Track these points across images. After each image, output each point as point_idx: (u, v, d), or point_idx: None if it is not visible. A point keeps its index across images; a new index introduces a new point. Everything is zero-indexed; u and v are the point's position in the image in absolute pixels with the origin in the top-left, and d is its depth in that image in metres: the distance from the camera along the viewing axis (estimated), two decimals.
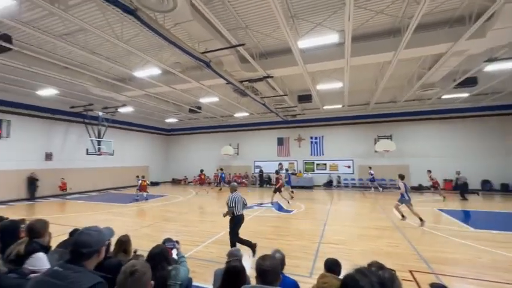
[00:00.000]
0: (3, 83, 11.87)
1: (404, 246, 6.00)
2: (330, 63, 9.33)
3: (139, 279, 1.41)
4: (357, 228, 7.71)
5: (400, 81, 13.13)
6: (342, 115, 18.91)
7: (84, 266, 1.49)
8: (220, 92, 13.30)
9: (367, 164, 18.08)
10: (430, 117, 17.10)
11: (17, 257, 2.27)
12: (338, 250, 5.66)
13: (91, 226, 1.67)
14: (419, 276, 4.37)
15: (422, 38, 7.83)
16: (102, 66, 10.94)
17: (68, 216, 9.62)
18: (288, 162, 20.78)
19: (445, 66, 9.70)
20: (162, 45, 8.92)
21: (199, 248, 5.98)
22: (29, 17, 7.28)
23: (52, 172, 15.22)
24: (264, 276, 1.78)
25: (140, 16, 5.50)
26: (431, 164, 16.42)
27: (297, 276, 3.52)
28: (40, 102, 14.65)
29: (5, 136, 13.27)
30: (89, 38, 8.50)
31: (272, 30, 8.32)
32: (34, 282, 1.44)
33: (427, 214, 9.57)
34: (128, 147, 20.64)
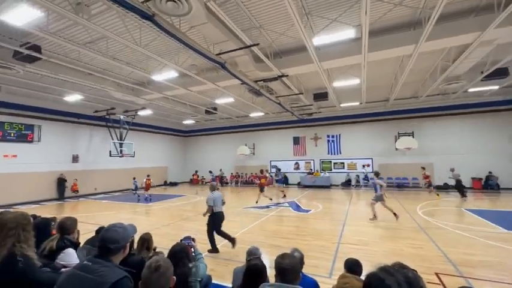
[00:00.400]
0: (33, 90, 12.72)
1: (430, 247, 5.73)
2: (347, 60, 9.10)
3: (163, 275, 1.47)
4: (378, 228, 7.46)
5: (421, 75, 12.55)
6: (360, 112, 18.37)
7: (111, 261, 1.57)
8: (235, 93, 13.41)
9: (388, 162, 17.48)
10: (456, 112, 16.15)
11: (49, 252, 2.43)
12: (358, 251, 5.51)
13: (116, 223, 1.75)
14: (446, 279, 4.15)
15: (445, 28, 7.43)
16: (123, 71, 11.41)
17: (94, 215, 10.12)
18: (304, 162, 20.56)
19: (471, 58, 9.15)
20: (178, 49, 9.15)
21: (217, 246, 6.04)
22: (55, 27, 7.74)
23: (79, 173, 16.08)
24: (284, 275, 1.77)
25: (157, 21, 5.67)
26: (458, 161, 15.59)
27: (316, 277, 3.46)
28: (67, 108, 15.53)
29: (37, 140, 14.22)
30: (110, 44, 8.90)
31: (286, 29, 8.27)
32: (66, 276, 1.54)
33: (454, 214, 9.09)
34: (148, 149, 21.35)
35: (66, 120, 15.82)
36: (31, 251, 1.85)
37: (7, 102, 12.96)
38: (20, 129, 13.58)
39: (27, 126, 13.87)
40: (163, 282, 1.48)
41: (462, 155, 15.74)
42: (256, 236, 6.89)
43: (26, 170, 13.61)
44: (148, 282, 1.45)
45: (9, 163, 13.03)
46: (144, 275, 1.46)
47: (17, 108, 13.42)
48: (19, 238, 1.80)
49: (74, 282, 1.46)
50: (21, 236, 1.81)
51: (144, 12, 5.33)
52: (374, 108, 17.78)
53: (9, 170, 12.96)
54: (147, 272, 1.46)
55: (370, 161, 18.44)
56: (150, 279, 1.45)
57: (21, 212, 1.95)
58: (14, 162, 13.25)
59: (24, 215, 1.94)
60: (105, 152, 16.63)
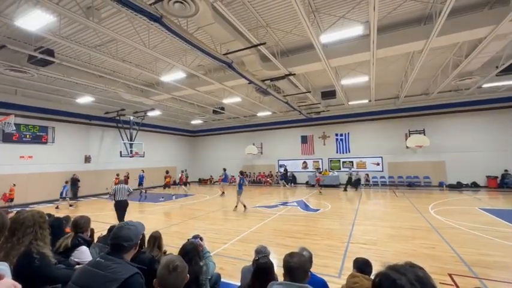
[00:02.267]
0: (47, 93, 13.13)
1: (442, 247, 5.59)
2: (355, 57, 8.98)
3: (181, 274, 1.52)
4: (388, 228, 7.34)
5: (432, 71, 12.26)
6: (369, 110, 18.06)
7: (123, 258, 1.61)
8: (242, 92, 13.44)
9: (398, 161, 17.15)
10: (469, 109, 15.62)
11: (64, 249, 2.51)
12: (368, 250, 5.44)
13: (128, 221, 1.79)
14: (460, 280, 4.05)
15: (457, 22, 7.23)
16: (132, 73, 11.62)
17: (106, 214, 10.35)
18: (312, 161, 20.41)
19: (485, 53, 8.87)
20: (186, 50, 9.24)
21: (226, 245, 6.09)
22: (67, 31, 7.96)
23: (91, 173, 16.49)
24: (292, 273, 1.77)
25: (165, 23, 5.74)
26: (472, 159, 15.18)
27: (326, 276, 3.44)
28: (79, 109, 15.93)
29: (51, 142, 14.67)
30: (120, 47, 9.08)
31: (293, 27, 8.23)
32: (80, 272, 1.59)
33: (468, 214, 8.84)
34: (157, 149, 21.66)
35: (79, 122, 16.24)
36: (47, 248, 1.92)
37: (22, 105, 13.40)
38: (35, 131, 14.02)
39: (42, 128, 14.32)
40: (180, 281, 1.53)
41: (476, 153, 15.27)
42: (264, 235, 6.90)
43: (41, 171, 14.05)
44: (165, 282, 1.49)
45: (25, 164, 13.49)
46: (162, 275, 1.50)
47: (32, 110, 13.86)
48: (36, 236, 1.86)
49: (88, 278, 1.51)
50: (38, 233, 1.88)
51: (152, 15, 5.41)
52: (383, 105, 17.46)
53: (25, 171, 13.41)
54: (165, 272, 1.49)
55: (379, 160, 18.13)
56: (168, 279, 1.49)
57: (37, 211, 2.02)
58: (30, 162, 13.70)
59: (41, 214, 2.01)
60: (116, 153, 16.98)
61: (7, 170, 12.67)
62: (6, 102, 12.74)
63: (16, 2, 6.31)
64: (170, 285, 1.50)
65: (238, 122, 23.11)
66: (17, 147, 13.23)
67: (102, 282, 1.45)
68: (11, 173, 12.78)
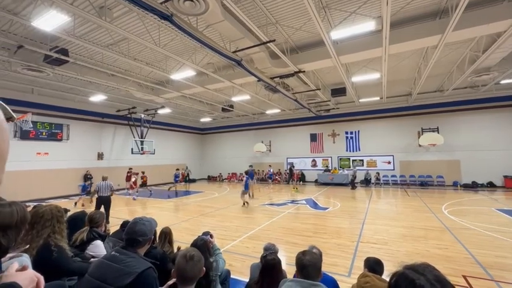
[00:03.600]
0: (62, 91, 13.51)
1: (457, 248, 5.44)
2: (366, 53, 8.81)
3: (197, 263, 1.58)
4: (400, 227, 7.20)
5: (447, 67, 11.88)
6: (380, 108, 17.70)
7: (137, 252, 1.65)
8: (251, 90, 13.43)
9: (410, 159, 16.77)
10: (486, 106, 15.05)
11: (80, 243, 2.59)
12: (379, 250, 5.35)
13: (142, 217, 1.84)
14: (475, 282, 3.93)
15: (475, 16, 6.96)
16: (143, 72, 11.81)
17: (118, 210, 10.62)
18: (321, 159, 20.22)
19: (504, 47, 8.51)
20: (195, 48, 9.30)
21: (235, 242, 6.14)
22: (81, 31, 8.15)
23: (104, 170, 16.90)
24: (305, 271, 1.77)
25: (175, 21, 5.79)
26: (488, 158, 14.65)
27: (335, 275, 3.42)
28: (92, 108, 16.33)
29: (66, 139, 15.12)
30: (131, 46, 9.22)
31: (303, 24, 8.13)
32: (95, 264, 1.64)
33: (483, 214, 8.56)
34: (167, 146, 21.98)
35: (92, 120, 16.65)
36: (64, 241, 1.99)
37: (39, 103, 13.85)
38: (51, 129, 14.48)
39: (57, 126, 14.76)
40: (197, 271, 1.58)
41: (493, 152, 14.72)
42: (273, 232, 6.90)
43: (56, 167, 14.52)
44: (183, 271, 1.55)
45: (41, 160, 13.97)
46: (180, 264, 1.56)
47: (47, 108, 14.31)
48: (54, 229, 1.93)
49: (103, 271, 1.56)
50: (56, 227, 1.95)
51: (162, 13, 5.46)
52: (395, 103, 17.07)
53: (41, 167, 13.89)
54: (183, 261, 1.56)
55: (391, 158, 17.77)
56: (185, 268, 1.54)
57: (55, 205, 2.10)
58: (46, 159, 14.17)
59: (59, 208, 2.08)
60: (128, 150, 17.36)
61: (25, 166, 13.15)
62: (24, 101, 13.19)
63: (32, 3, 6.51)
64: (187, 274, 1.54)
65: (247, 120, 23.14)
66: (33, 144, 13.71)
67: (117, 275, 1.49)
68: (28, 169, 13.26)
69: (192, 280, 1.57)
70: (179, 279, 1.56)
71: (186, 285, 1.56)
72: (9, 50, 8.82)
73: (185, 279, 1.55)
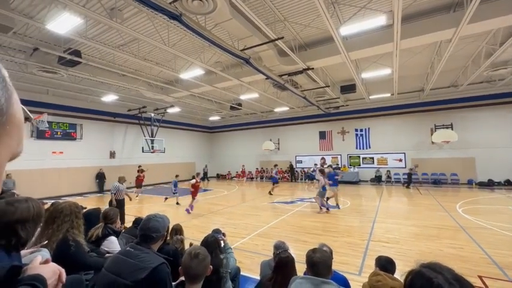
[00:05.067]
0: (75, 92, 13.88)
1: (472, 248, 5.30)
2: (377, 49, 8.62)
3: (202, 261, 1.59)
4: (412, 226, 7.06)
5: (462, 62, 11.48)
6: (391, 104, 17.32)
7: (151, 248, 1.70)
8: (259, 88, 13.41)
9: (422, 157, 16.36)
10: (503, 101, 14.48)
11: (95, 239, 2.68)
12: (390, 249, 5.28)
13: (155, 213, 1.88)
14: (491, 283, 3.83)
15: (491, 7, 6.69)
16: (153, 71, 11.98)
17: (129, 207, 10.85)
18: (331, 157, 20.02)
19: None
20: (204, 47, 9.35)
21: (245, 240, 6.18)
22: (93, 32, 8.33)
23: (116, 168, 17.32)
24: (316, 268, 1.77)
25: (184, 20, 5.84)
26: (505, 155, 14.13)
27: (346, 274, 3.39)
28: (104, 107, 16.72)
29: (79, 138, 15.56)
30: (141, 46, 9.37)
31: (311, 20, 8.04)
32: (111, 259, 1.70)
33: (500, 213, 8.28)
34: (177, 145, 22.27)
35: (104, 119, 17.06)
36: (81, 237, 2.06)
37: (53, 104, 14.29)
38: (65, 128, 14.93)
39: (71, 125, 15.20)
40: (202, 268, 1.59)
41: (510, 149, 14.18)
42: (282, 230, 6.91)
43: (70, 165, 14.98)
44: (188, 269, 1.56)
45: (57, 159, 14.43)
46: (185, 261, 1.59)
47: (62, 109, 14.75)
48: (72, 224, 2.01)
49: (119, 266, 1.61)
50: (74, 222, 2.02)
51: (172, 13, 5.52)
52: (407, 99, 16.66)
53: (57, 165, 14.36)
54: (188, 258, 1.58)
55: (402, 156, 17.41)
56: (190, 266, 1.56)
57: (73, 202, 2.18)
58: (61, 158, 14.64)
59: (76, 204, 2.16)
60: (138, 148, 17.68)
61: (41, 165, 13.63)
62: (40, 102, 13.63)
63: (46, 7, 6.70)
64: (192, 272, 1.56)
65: (256, 118, 23.14)
66: (49, 144, 14.17)
67: (132, 270, 1.54)
68: (44, 168, 13.74)
69: (198, 278, 1.58)
70: (185, 277, 1.59)
71: (193, 282, 1.57)
72: (25, 53, 9.14)
73: (191, 276, 1.57)
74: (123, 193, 8.05)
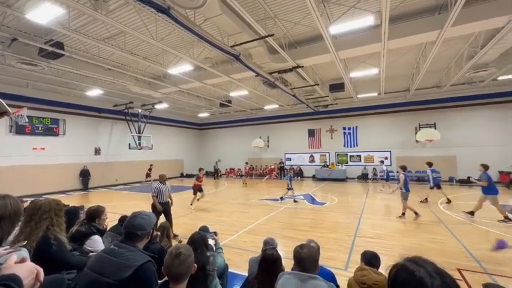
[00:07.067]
0: (57, 85, 13.33)
1: (452, 242, 5.53)
2: (365, 48, 8.77)
3: (184, 261, 1.53)
4: (396, 222, 7.29)
5: (445, 63, 11.88)
6: (378, 103, 17.71)
7: (136, 246, 1.66)
8: (249, 85, 13.36)
9: (407, 155, 16.85)
10: (483, 102, 15.14)
11: (77, 237, 2.59)
12: (375, 244, 5.42)
13: (141, 211, 1.83)
14: (469, 275, 4.01)
15: (474, 11, 6.93)
16: (140, 66, 11.69)
17: (115, 205, 10.61)
18: (319, 154, 20.30)
19: (502, 43, 8.51)
20: (193, 42, 9.20)
21: (233, 237, 6.18)
22: (76, 24, 8.01)
23: (101, 165, 16.85)
24: (303, 264, 1.79)
25: (173, 14, 5.71)
26: (484, 154, 14.75)
27: (332, 269, 3.45)
28: (89, 102, 16.18)
29: (62, 134, 15.00)
30: (128, 39, 9.10)
31: (301, 18, 8.07)
32: (94, 258, 1.65)
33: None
34: (165, 142, 21.90)
35: (89, 114, 16.51)
36: (63, 235, 1.99)
37: (34, 97, 13.67)
38: (47, 123, 14.34)
39: (53, 120, 14.63)
40: (184, 268, 1.54)
41: (489, 148, 14.85)
42: (271, 227, 6.95)
43: (52, 162, 14.43)
44: (170, 268, 1.52)
45: (38, 155, 13.87)
46: (167, 261, 1.54)
47: (43, 103, 14.15)
48: (52, 222, 1.93)
49: (102, 265, 1.56)
50: (54, 220, 1.95)
51: (159, 6, 5.38)
52: (393, 99, 17.09)
53: (38, 162, 13.80)
54: (169, 258, 1.53)
55: (388, 154, 17.87)
56: (171, 265, 1.51)
57: (54, 199, 2.10)
58: (42, 154, 14.08)
59: (57, 201, 2.08)
60: (125, 145, 17.26)
61: (21, 162, 13.06)
62: (19, 95, 13.01)
63: None
64: (174, 272, 1.52)
65: (245, 115, 23.08)
66: (29, 139, 13.59)
67: (116, 269, 1.50)
68: (25, 164, 13.18)
69: (180, 277, 1.53)
70: (168, 277, 1.54)
71: (176, 282, 1.53)
72: (3, 43, 8.66)
73: (173, 276, 1.53)
74: (167, 195, 6.26)
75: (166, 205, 6.18)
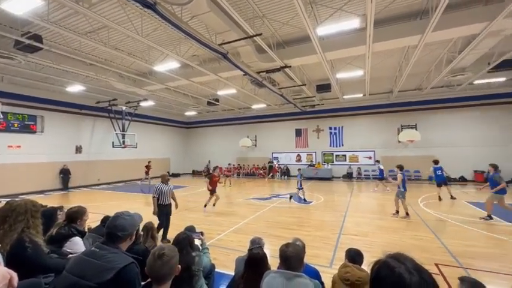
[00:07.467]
0: (35, 80, 12.70)
1: (430, 239, 5.78)
2: (351, 50, 8.97)
3: (167, 263, 1.50)
4: (379, 220, 7.52)
5: (426, 66, 12.36)
6: (363, 104, 18.19)
7: (119, 247, 1.60)
8: (237, 84, 13.31)
9: (390, 155, 17.41)
10: (460, 105, 15.92)
11: (56, 239, 2.48)
12: (359, 242, 5.57)
13: (123, 211, 1.78)
14: (446, 269, 4.21)
15: (453, 18, 7.25)
16: (124, 62, 11.33)
17: (97, 205, 10.27)
18: (306, 154, 20.57)
19: (478, 49, 8.95)
20: (180, 39, 9.04)
21: (220, 236, 6.15)
22: (56, 16, 7.66)
23: (82, 164, 16.24)
24: (288, 262, 1.81)
25: (159, 10, 5.58)
26: (461, 154, 15.55)
27: (317, 266, 3.52)
28: (69, 98, 15.52)
29: (40, 131, 14.31)
30: (112, 34, 8.81)
31: (290, 18, 8.12)
32: (73, 261, 1.58)
33: (455, 207, 9.13)
34: (150, 140, 21.43)
35: (69, 111, 15.84)
36: (39, 237, 1.90)
37: (10, 92, 12.96)
38: (23, 120, 13.64)
39: (30, 117, 13.93)
40: (167, 269, 1.51)
41: (465, 148, 15.64)
42: (257, 226, 6.98)
43: (30, 161, 13.74)
44: (152, 269, 1.48)
45: (13, 153, 13.16)
46: (149, 262, 1.50)
47: (20, 98, 13.43)
48: (28, 224, 1.84)
49: (82, 267, 1.50)
50: (30, 221, 1.85)
51: (145, 1, 5.25)
52: (377, 100, 17.60)
53: (13, 161, 13.10)
54: (152, 259, 1.50)
55: (372, 154, 18.40)
56: (153, 266, 1.48)
57: (30, 199, 1.99)
58: (18, 152, 13.37)
59: (34, 203, 1.98)
60: (108, 143, 16.73)
61: None
62: None
63: None
64: (156, 273, 1.48)
65: (233, 114, 22.98)
66: (4, 137, 12.88)
67: (97, 271, 1.44)
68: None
69: (163, 279, 1.50)
70: (151, 278, 1.51)
71: (159, 284, 1.49)
72: None
73: (155, 278, 1.49)
74: (169, 196, 5.85)
75: (169, 207, 5.83)
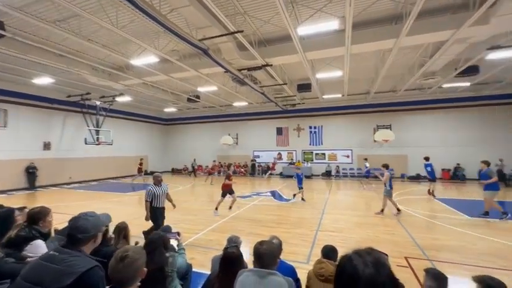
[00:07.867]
0: None
1: (401, 233, 6.09)
2: (330, 51, 9.16)
3: (130, 265, 1.40)
4: (355, 216, 7.81)
5: (400, 69, 12.96)
6: (342, 105, 18.78)
7: (81, 250, 1.50)
8: (218, 81, 13.13)
9: (366, 153, 18.12)
10: (431, 107, 16.98)
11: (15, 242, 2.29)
12: (335, 237, 5.74)
13: (88, 211, 1.67)
14: (414, 262, 4.45)
15: (424, 24, 7.65)
16: (99, 54, 10.73)
17: (67, 205, 9.69)
18: (287, 152, 20.83)
19: (446, 55, 9.55)
20: (158, 32, 8.71)
21: (198, 235, 6.06)
22: (20, 2, 7.06)
23: (51, 161, 15.23)
24: (261, 260, 1.80)
25: (135, 1, 5.33)
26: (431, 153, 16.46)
27: (295, 263, 3.57)
28: (37, 91, 14.45)
29: (2, 126, 13.19)
30: (84, 24, 8.29)
31: (271, 17, 8.12)
32: (29, 266, 1.45)
33: (424, 203, 9.70)
34: (127, 137, 20.58)
35: (37, 105, 14.76)
36: None
37: None
38: None
39: None
40: (131, 272, 1.41)
41: (434, 148, 16.66)
42: (237, 224, 6.95)
43: None
44: (112, 272, 1.39)
45: None
46: (110, 265, 1.40)
47: None
48: None
49: (39, 273, 1.39)
50: None
51: None
52: (355, 100, 18.23)
53: None
54: (113, 261, 1.40)
55: (349, 152, 19.05)
56: (114, 269, 1.38)
57: None
58: None
59: None
60: (81, 140, 15.82)
61: None
62: None
63: None
64: (116, 276, 1.39)
65: (214, 112, 22.69)
66: None
67: (55, 276, 1.33)
68: None
69: (125, 282, 1.40)
70: (112, 281, 1.41)
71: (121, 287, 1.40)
72: None
73: (116, 281, 1.39)
74: (163, 198, 5.57)
75: (162, 210, 5.55)
